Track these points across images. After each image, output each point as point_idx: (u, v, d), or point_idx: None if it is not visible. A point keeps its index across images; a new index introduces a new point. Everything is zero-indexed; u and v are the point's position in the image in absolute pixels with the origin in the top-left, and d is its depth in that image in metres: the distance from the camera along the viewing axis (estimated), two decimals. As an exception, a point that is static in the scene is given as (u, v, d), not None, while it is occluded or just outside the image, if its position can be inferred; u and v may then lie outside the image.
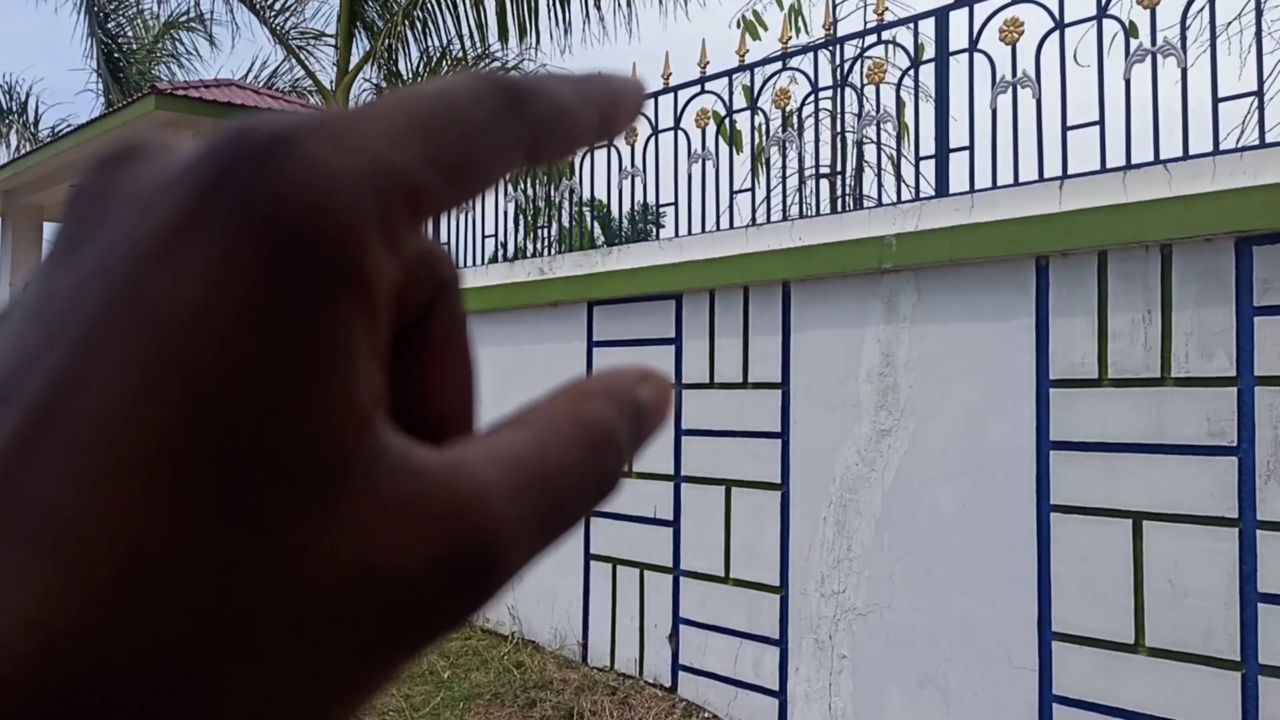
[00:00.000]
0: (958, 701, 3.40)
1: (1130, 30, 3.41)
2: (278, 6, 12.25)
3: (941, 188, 3.70)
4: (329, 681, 0.18)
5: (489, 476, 0.19)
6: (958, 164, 3.70)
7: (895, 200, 3.99)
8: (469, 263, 6.13)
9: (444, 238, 6.33)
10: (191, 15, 15.34)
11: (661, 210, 4.98)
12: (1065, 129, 3.45)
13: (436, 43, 11.36)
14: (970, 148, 3.66)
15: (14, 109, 17.74)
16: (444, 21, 11.12)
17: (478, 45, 11.30)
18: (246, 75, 15.20)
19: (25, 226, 15.94)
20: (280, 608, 0.17)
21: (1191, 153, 3.20)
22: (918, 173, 3.85)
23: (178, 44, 16.48)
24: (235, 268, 0.17)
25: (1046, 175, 3.47)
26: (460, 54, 11.46)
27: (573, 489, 0.21)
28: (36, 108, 18.20)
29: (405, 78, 11.82)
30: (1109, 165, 3.35)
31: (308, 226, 0.18)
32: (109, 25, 16.16)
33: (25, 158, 14.10)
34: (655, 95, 4.87)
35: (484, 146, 0.21)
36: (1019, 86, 3.55)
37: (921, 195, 3.82)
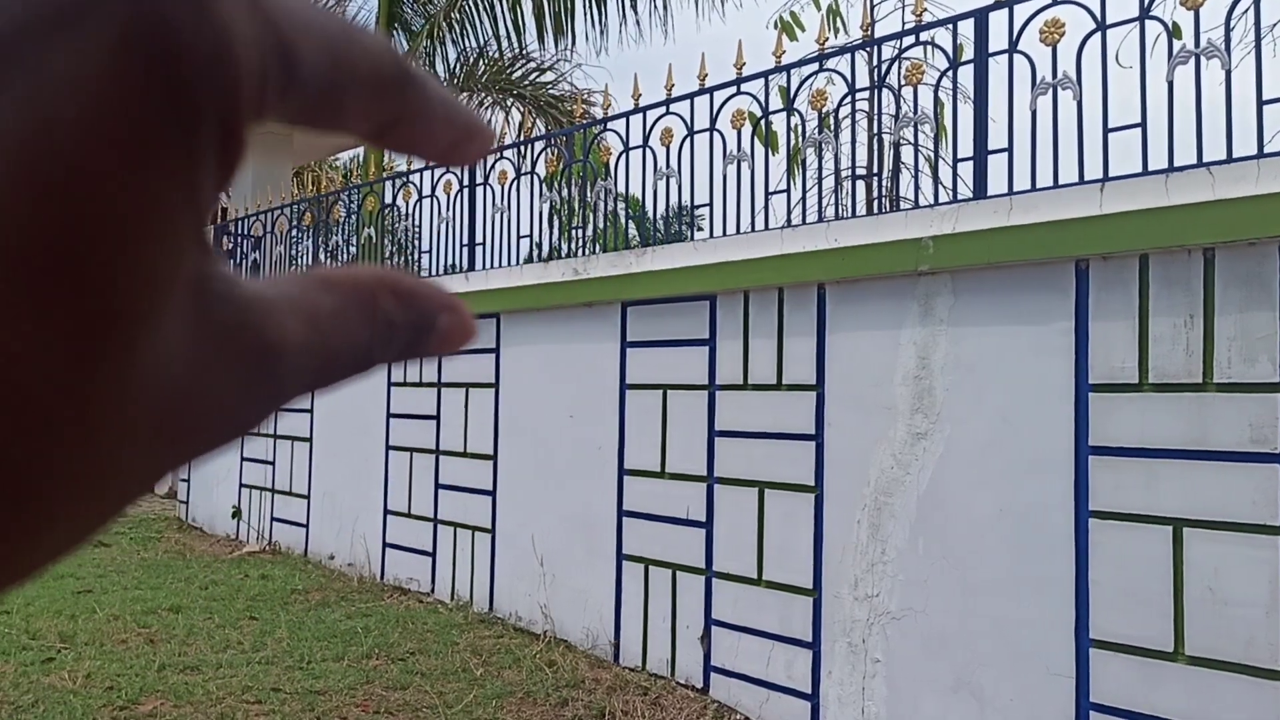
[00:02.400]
0: (993, 707, 3.38)
1: (1173, 32, 3.37)
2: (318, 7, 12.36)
3: (980, 190, 3.67)
4: (143, 472, 0.20)
5: (291, 326, 0.22)
6: (996, 166, 3.68)
7: (933, 202, 3.96)
8: (503, 263, 6.16)
9: (479, 239, 6.36)
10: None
11: (697, 211, 4.98)
12: (1106, 131, 3.41)
13: (474, 44, 11.41)
14: (1009, 149, 3.63)
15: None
16: (481, 23, 11.18)
17: (514, 46, 11.36)
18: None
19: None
20: (113, 409, 0.18)
21: (1235, 155, 3.16)
22: (955, 175, 3.82)
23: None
24: (122, 71, 0.17)
25: (1087, 178, 3.43)
26: (497, 55, 11.52)
27: (345, 359, 0.23)
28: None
29: (443, 79, 11.87)
30: (1151, 168, 3.31)
31: (197, 56, 0.18)
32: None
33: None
34: (691, 96, 4.86)
35: (359, 82, 0.22)
36: (1059, 88, 3.52)
37: (959, 197, 3.79)
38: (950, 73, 3.88)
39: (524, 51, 11.55)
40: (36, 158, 0.16)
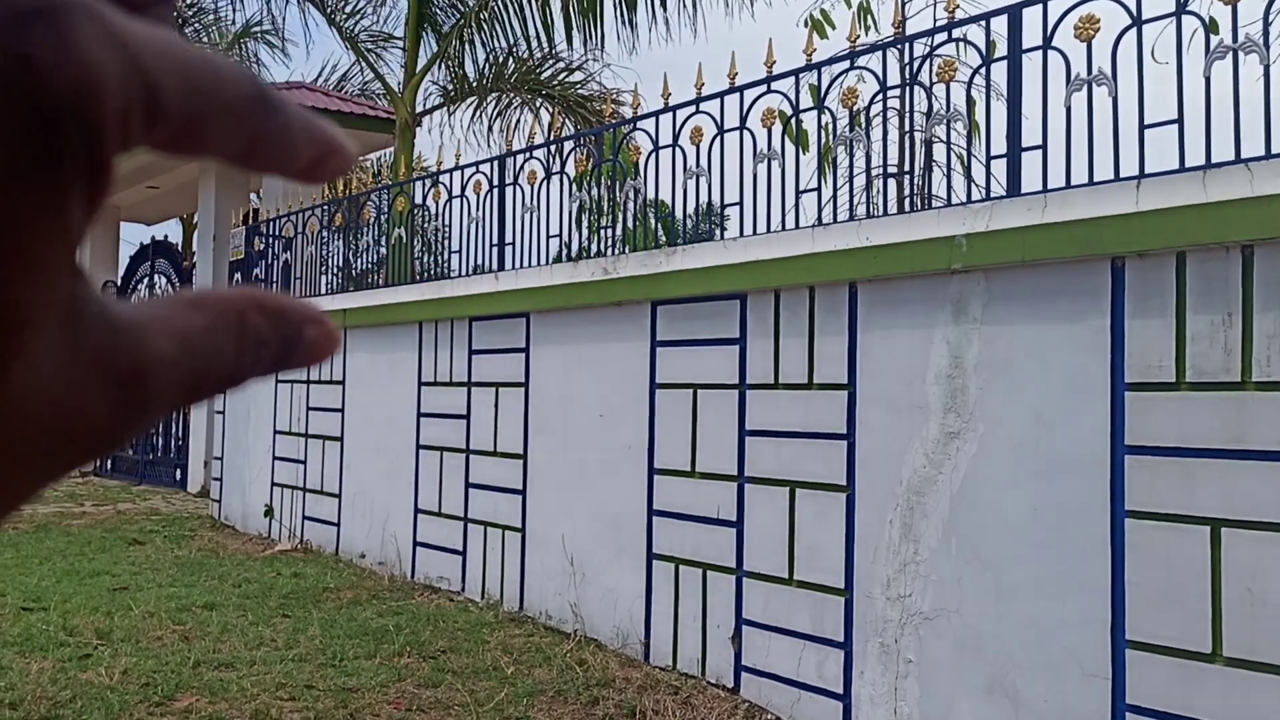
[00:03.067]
0: (1027, 708, 3.35)
1: (1210, 27, 3.34)
2: (348, 9, 12.43)
3: (1013, 187, 3.65)
4: (15, 488, 0.21)
5: (162, 347, 0.23)
6: (1030, 163, 3.65)
7: (965, 200, 3.94)
8: (533, 262, 6.17)
9: (509, 238, 6.38)
10: (265, 26, 15.64)
11: (726, 211, 4.98)
12: (1142, 127, 3.38)
13: (503, 44, 11.44)
14: (1044, 146, 3.60)
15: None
16: (510, 23, 11.20)
17: (543, 46, 11.37)
18: (317, 79, 15.45)
19: (103, 226, 16.33)
20: None
21: (1274, 151, 3.12)
22: (988, 172, 3.79)
23: (247, 48, 16.80)
24: None
25: (1122, 175, 3.40)
26: (526, 55, 11.54)
27: (216, 375, 0.25)
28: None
29: (472, 80, 11.92)
30: (1188, 164, 3.28)
31: (64, 93, 0.19)
32: (185, 31, 16.53)
33: (103, 159, 14.39)
34: (721, 95, 4.86)
35: (220, 110, 0.23)
36: (1094, 84, 3.49)
37: (992, 195, 3.76)
38: (983, 70, 3.85)
39: (553, 51, 11.56)
40: None
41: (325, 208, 8.55)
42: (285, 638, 5.24)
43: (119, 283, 15.41)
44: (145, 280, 14.55)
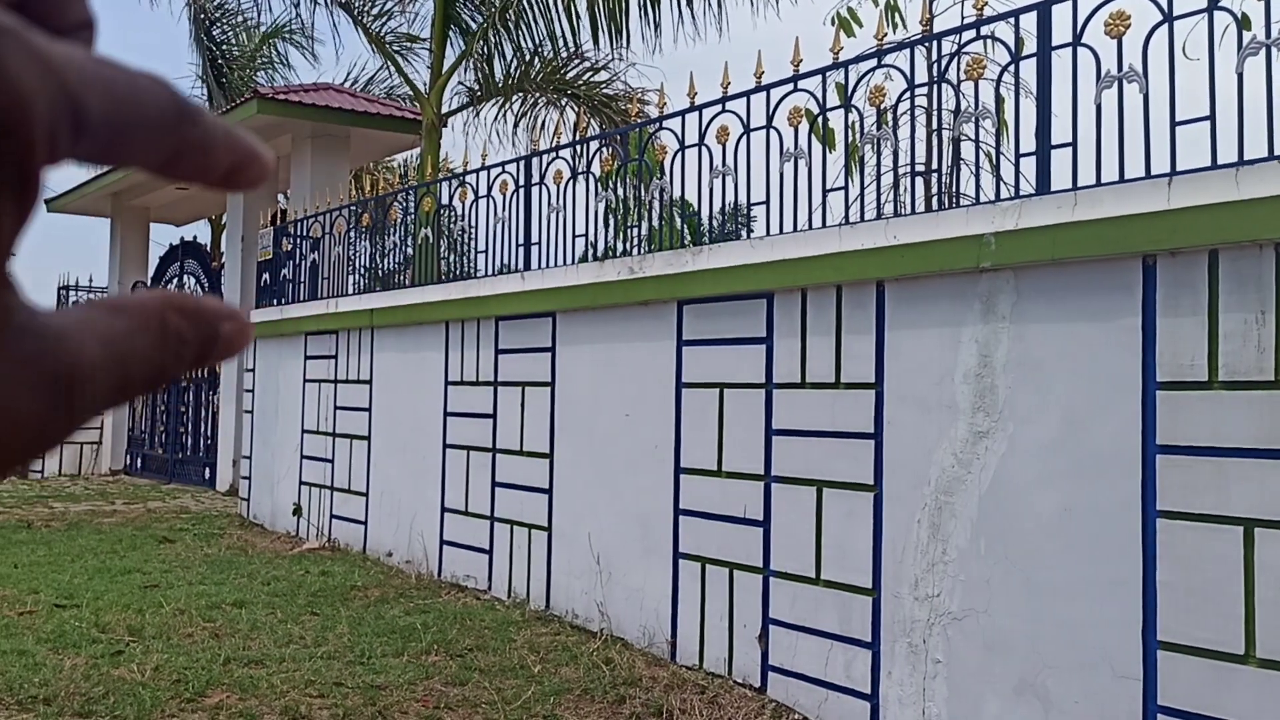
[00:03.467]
0: (1058, 709, 3.33)
1: (1243, 22, 3.30)
2: (375, 11, 12.49)
3: (1043, 185, 3.62)
4: None
5: (90, 351, 0.24)
6: (1060, 161, 3.62)
7: (994, 198, 3.91)
8: (559, 262, 6.18)
9: (534, 238, 6.39)
10: (293, 27, 15.75)
11: (752, 210, 4.97)
12: (1174, 124, 3.35)
13: (529, 44, 11.46)
14: (1073, 144, 3.58)
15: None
16: (536, 22, 11.22)
17: (569, 46, 11.38)
18: (344, 81, 15.54)
19: (133, 227, 16.51)
20: None
21: (1309, 148, 3.09)
22: (1017, 171, 3.77)
23: (276, 49, 16.93)
24: None
25: (1154, 172, 3.37)
26: (551, 54, 11.55)
27: (141, 375, 0.26)
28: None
29: (498, 80, 11.95)
30: (1220, 161, 3.25)
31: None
32: (214, 32, 16.67)
33: (133, 161, 14.54)
34: (748, 94, 4.85)
35: (142, 123, 0.25)
36: (1125, 81, 3.46)
37: (1021, 193, 3.74)
38: (1012, 67, 3.83)
39: (579, 51, 11.57)
40: None
41: (352, 208, 8.60)
42: (314, 635, 5.28)
43: (149, 283, 15.55)
44: (175, 280, 14.68)
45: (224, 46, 16.90)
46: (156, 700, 4.07)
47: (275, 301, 9.78)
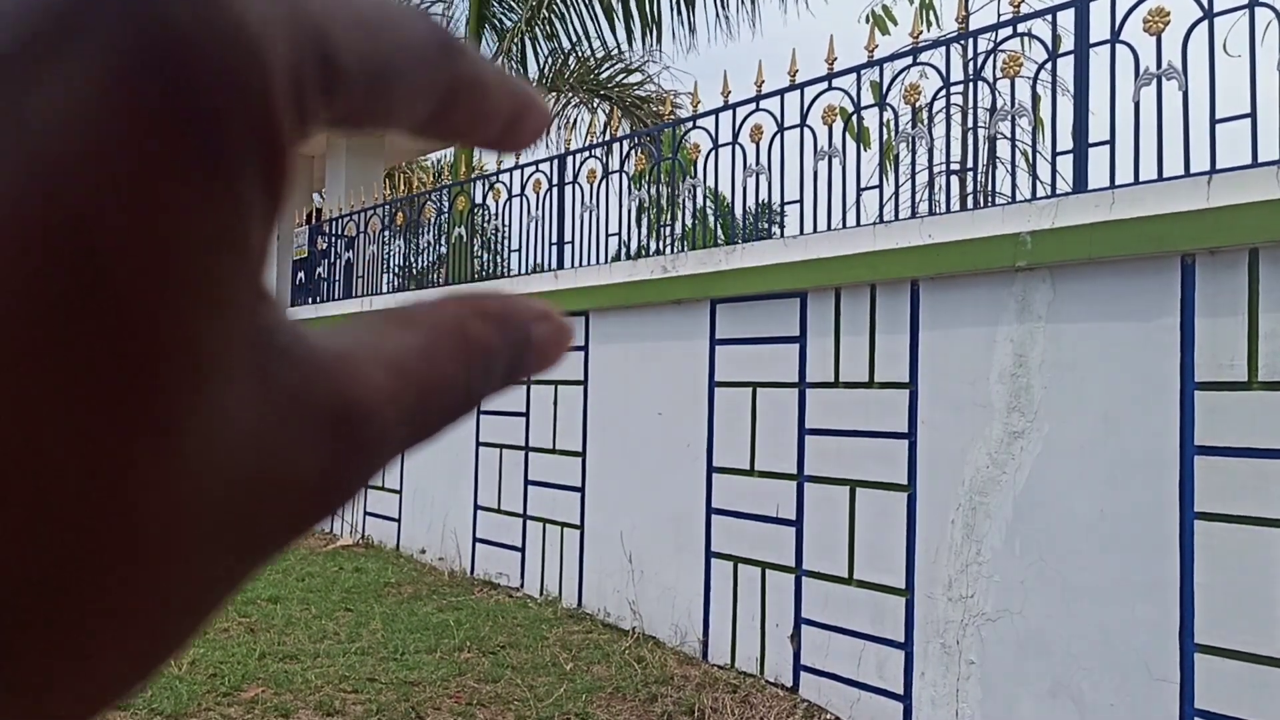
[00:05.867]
0: (1092, 712, 3.30)
1: (1285, 18, 3.26)
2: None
3: (1080, 183, 3.59)
4: (212, 578, 0.16)
5: (376, 379, 0.18)
6: (1097, 159, 3.59)
7: (1030, 197, 3.88)
8: (592, 261, 6.20)
9: (567, 237, 6.41)
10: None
11: (785, 208, 4.96)
12: (1214, 122, 3.31)
13: (564, 43, 11.49)
14: (1111, 142, 3.54)
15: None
16: (570, 22, 11.25)
17: (604, 46, 11.41)
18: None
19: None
20: (164, 507, 0.15)
21: (1352, 145, 3.04)
22: (1054, 169, 3.74)
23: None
24: (127, 95, 0.14)
25: (1193, 170, 3.33)
26: (586, 54, 11.58)
27: (444, 404, 0.20)
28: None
29: (532, 79, 11.99)
30: (1261, 159, 3.21)
31: (217, 62, 0.15)
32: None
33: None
34: (781, 92, 4.84)
35: (406, 61, 0.19)
36: (1164, 78, 3.42)
37: (1058, 192, 3.71)
38: (1049, 64, 3.80)
39: (612, 52, 11.60)
40: (33, 211, 0.13)
41: (387, 207, 8.65)
42: (348, 631, 5.32)
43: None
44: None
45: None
46: (193, 694, 4.12)
47: (310, 300, 9.86)
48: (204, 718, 3.90)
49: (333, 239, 9.53)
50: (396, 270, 8.90)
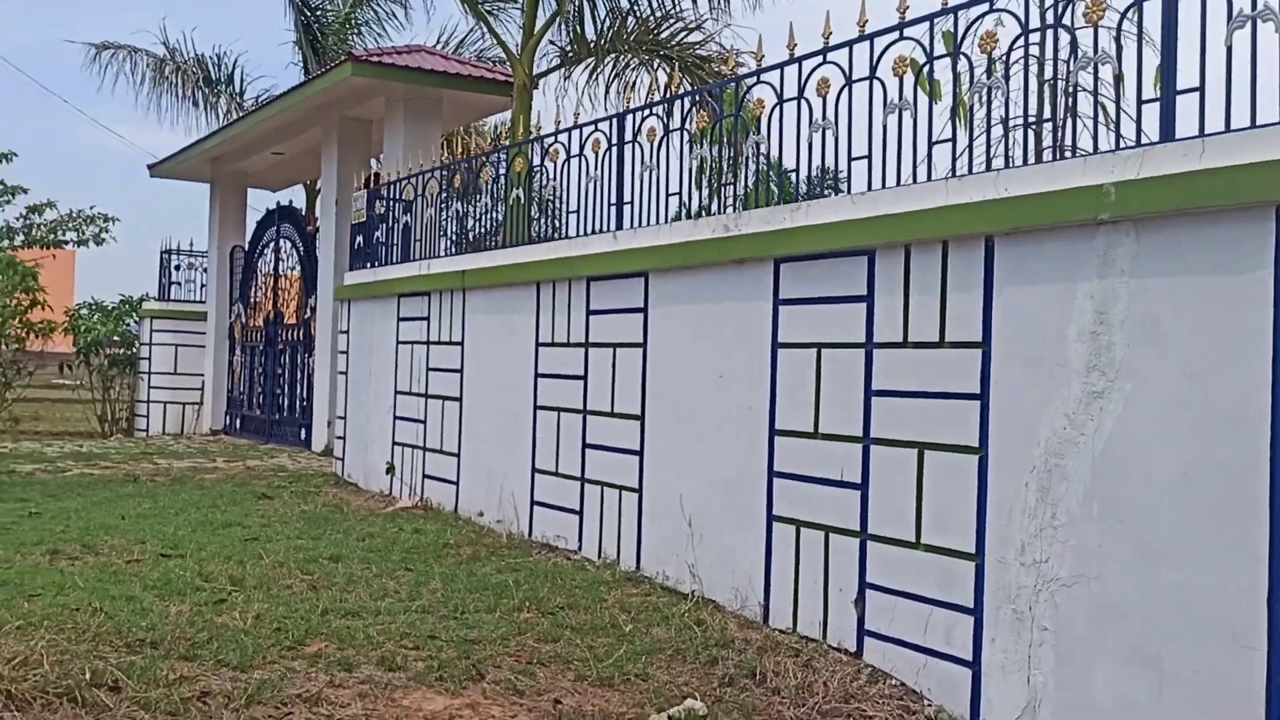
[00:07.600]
0: (1172, 680, 3.19)
1: (1393, -46, 3.08)
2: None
3: (1167, 133, 3.43)
4: None
5: None
6: (1186, 107, 3.43)
7: (1113, 148, 3.74)
8: (651, 221, 6.11)
9: (626, 198, 6.32)
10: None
11: (852, 164, 4.82)
12: (1313, 65, 3.15)
13: (623, 2, 11.35)
14: (1200, 89, 3.38)
15: (222, 79, 18.86)
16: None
17: (663, 3, 11.25)
18: (437, 43, 15.62)
19: (231, 192, 16.87)
20: None
21: None
22: (1140, 119, 3.58)
23: (374, 9, 17.08)
24: None
25: (1289, 116, 3.17)
26: (647, 12, 11.43)
27: None
28: (241, 79, 19.17)
29: (590, 40, 11.87)
30: (1364, 104, 3.04)
31: None
32: (311, -1, 16.88)
33: (230, 126, 14.90)
34: (850, 44, 4.70)
35: None
36: (1259, 20, 3.25)
37: (1144, 142, 3.55)
38: (1134, 10, 3.63)
39: (675, 9, 11.42)
40: None
41: (444, 170, 8.63)
42: (408, 590, 5.33)
43: (246, 246, 15.89)
44: (271, 244, 14.97)
45: (318, 11, 17.09)
46: (258, 647, 4.14)
47: (369, 264, 9.89)
48: (269, 670, 3.92)
49: (390, 203, 9.53)
50: (454, 234, 8.88)
